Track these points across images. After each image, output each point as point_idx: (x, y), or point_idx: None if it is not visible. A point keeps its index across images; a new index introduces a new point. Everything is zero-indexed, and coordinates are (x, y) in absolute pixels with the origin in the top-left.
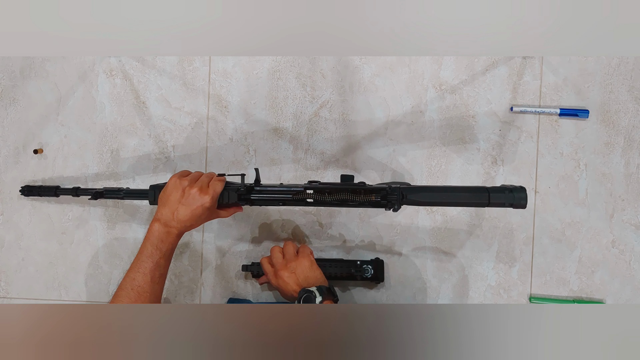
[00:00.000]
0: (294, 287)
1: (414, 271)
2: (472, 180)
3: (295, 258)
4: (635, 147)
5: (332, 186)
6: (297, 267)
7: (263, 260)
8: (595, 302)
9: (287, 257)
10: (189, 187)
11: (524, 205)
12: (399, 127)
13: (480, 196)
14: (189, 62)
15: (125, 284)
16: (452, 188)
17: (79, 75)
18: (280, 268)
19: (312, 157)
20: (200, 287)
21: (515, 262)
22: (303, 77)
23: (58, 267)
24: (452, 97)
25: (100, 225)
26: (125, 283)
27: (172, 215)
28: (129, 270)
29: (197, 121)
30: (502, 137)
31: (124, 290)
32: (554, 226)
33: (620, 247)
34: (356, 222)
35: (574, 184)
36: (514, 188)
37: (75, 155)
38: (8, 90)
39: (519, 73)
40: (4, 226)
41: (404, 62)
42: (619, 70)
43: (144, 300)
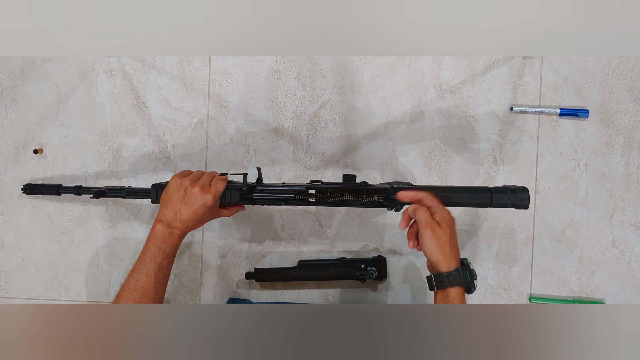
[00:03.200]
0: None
1: (414, 271)
2: (472, 180)
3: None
4: (635, 147)
5: (334, 186)
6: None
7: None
8: (595, 302)
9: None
10: (191, 187)
11: (526, 205)
12: (399, 127)
13: (482, 196)
14: (189, 62)
15: (128, 285)
16: (455, 188)
17: (79, 75)
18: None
19: (312, 157)
20: (200, 287)
21: (515, 262)
22: (303, 77)
23: (58, 267)
24: (452, 97)
25: (100, 225)
26: (128, 284)
27: (174, 215)
28: (132, 271)
29: (197, 121)
30: (502, 137)
31: (127, 292)
32: (554, 226)
33: (620, 247)
34: (356, 222)
35: (574, 184)
36: (517, 188)
37: (75, 155)
38: (8, 90)
39: (519, 73)
40: (4, 226)
41: (404, 62)
42: (619, 70)
43: (148, 301)
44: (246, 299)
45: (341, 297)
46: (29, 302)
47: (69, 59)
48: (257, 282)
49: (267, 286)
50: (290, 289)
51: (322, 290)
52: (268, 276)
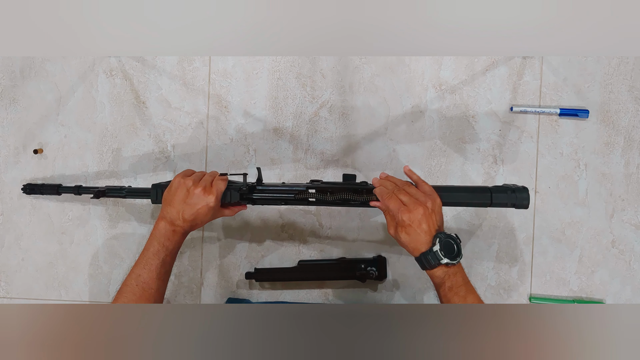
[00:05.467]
0: (426, 226)
1: (414, 271)
2: (472, 180)
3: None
4: (635, 147)
5: (334, 186)
6: (434, 205)
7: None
8: (595, 302)
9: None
10: (194, 187)
11: (526, 205)
12: (399, 127)
13: (482, 196)
14: (189, 62)
15: (130, 280)
16: (454, 188)
17: (79, 75)
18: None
19: (312, 157)
20: (200, 287)
21: (515, 262)
22: (303, 77)
23: (58, 267)
24: (452, 97)
25: (100, 224)
26: (130, 279)
27: (177, 214)
28: (134, 266)
29: (197, 121)
30: (502, 137)
31: (129, 287)
32: (554, 226)
33: (620, 247)
34: (356, 222)
35: (574, 184)
36: (517, 188)
37: (75, 155)
38: (8, 90)
39: (519, 73)
40: (4, 226)
41: (404, 62)
42: (619, 70)
43: (149, 296)
44: (245, 298)
45: (341, 297)
46: (29, 302)
47: (69, 59)
48: (257, 282)
49: (267, 286)
50: (290, 289)
51: (322, 290)
52: (268, 276)
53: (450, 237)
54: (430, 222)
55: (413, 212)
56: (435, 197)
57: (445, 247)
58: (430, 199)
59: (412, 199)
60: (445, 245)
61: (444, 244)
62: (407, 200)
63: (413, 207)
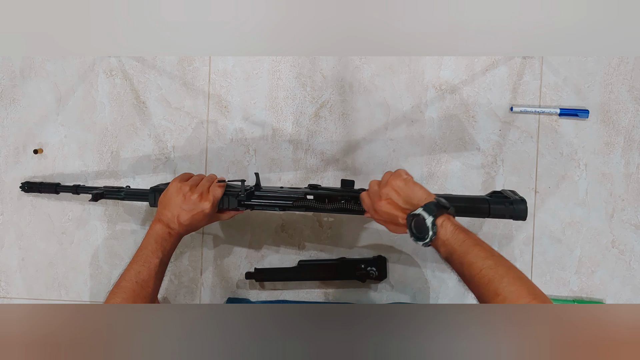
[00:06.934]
0: (398, 215)
1: (414, 271)
2: (472, 180)
3: (385, 183)
4: (635, 147)
5: (332, 193)
6: (390, 192)
7: (363, 194)
8: (595, 302)
9: (380, 185)
10: (190, 192)
11: (524, 217)
12: (399, 127)
13: (480, 208)
14: (189, 62)
15: (129, 275)
16: (452, 198)
17: (79, 75)
18: (376, 200)
19: (312, 157)
20: (200, 287)
21: (515, 262)
22: (303, 77)
23: (58, 267)
24: (452, 97)
25: (100, 225)
26: (129, 274)
27: (173, 218)
28: (132, 262)
29: (197, 121)
30: (502, 137)
31: (128, 282)
32: (554, 226)
33: (620, 247)
34: (356, 222)
35: (574, 184)
36: (515, 200)
37: (75, 155)
38: (8, 90)
39: (519, 73)
40: (4, 226)
41: (404, 62)
42: (619, 70)
43: (146, 294)
44: (245, 298)
45: (341, 297)
46: (29, 302)
47: (69, 59)
48: (257, 282)
49: (267, 286)
50: (290, 289)
51: (322, 290)
52: (268, 276)
53: (418, 215)
54: (397, 209)
55: (380, 212)
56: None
57: (416, 228)
58: (386, 187)
59: (374, 200)
60: (416, 226)
61: (414, 226)
62: (371, 203)
63: (377, 206)
